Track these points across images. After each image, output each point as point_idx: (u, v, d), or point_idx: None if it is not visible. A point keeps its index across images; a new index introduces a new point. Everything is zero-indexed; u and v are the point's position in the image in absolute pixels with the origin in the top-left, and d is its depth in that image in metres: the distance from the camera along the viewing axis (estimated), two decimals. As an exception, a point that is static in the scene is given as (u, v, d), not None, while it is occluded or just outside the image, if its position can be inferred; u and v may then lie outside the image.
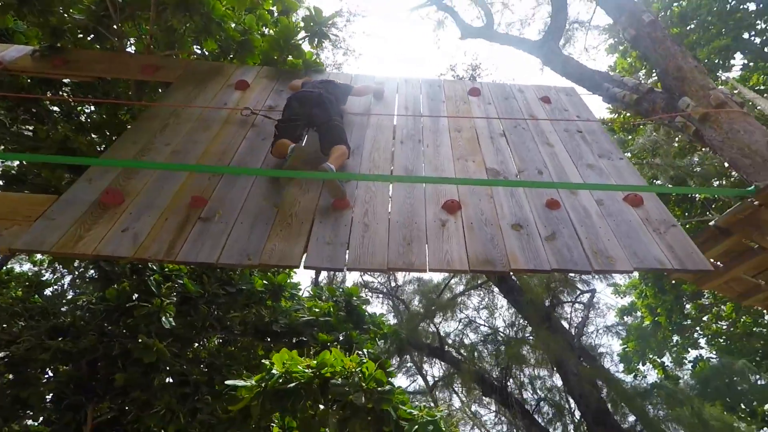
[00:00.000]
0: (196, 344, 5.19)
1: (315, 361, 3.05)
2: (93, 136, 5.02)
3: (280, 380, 2.96)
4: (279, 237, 2.47)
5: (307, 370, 3.01)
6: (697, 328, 12.09)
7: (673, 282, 10.73)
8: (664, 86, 3.98)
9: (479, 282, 10.35)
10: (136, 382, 4.36)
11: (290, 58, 4.27)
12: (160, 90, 4.63)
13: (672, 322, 10.15)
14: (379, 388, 2.87)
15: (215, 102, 3.64)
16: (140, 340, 4.13)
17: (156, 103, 3.52)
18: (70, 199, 2.61)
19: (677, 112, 3.79)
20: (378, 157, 3.19)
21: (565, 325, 8.67)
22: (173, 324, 4.44)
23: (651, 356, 11.85)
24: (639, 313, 12.20)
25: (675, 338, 11.93)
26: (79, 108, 5.47)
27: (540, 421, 7.67)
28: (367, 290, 10.70)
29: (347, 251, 2.42)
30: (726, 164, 4.23)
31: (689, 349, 12.28)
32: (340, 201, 2.69)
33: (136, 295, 4.51)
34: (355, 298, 5.17)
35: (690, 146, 8.63)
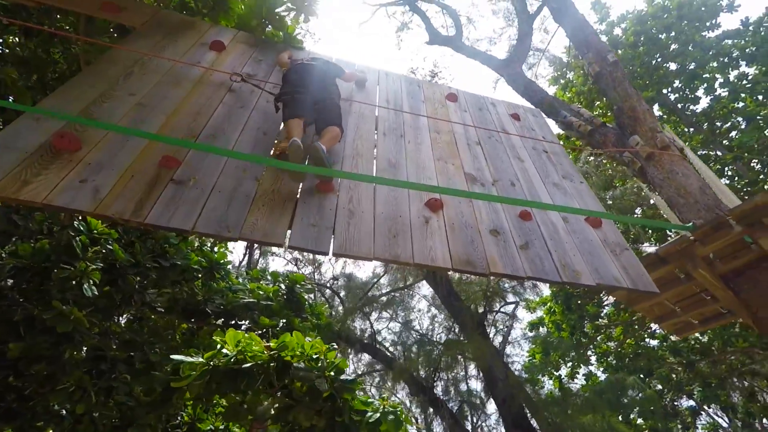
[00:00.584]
0: (117, 317, 4.73)
1: (273, 343, 2.90)
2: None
3: (232, 360, 2.78)
4: (261, 212, 2.32)
5: (264, 352, 2.86)
6: (591, 346, 13.42)
7: (579, 302, 11.84)
8: (618, 123, 4.36)
9: (407, 283, 10.59)
10: (40, 353, 3.85)
11: (270, 28, 4.04)
12: (115, 35, 4.15)
13: (573, 339, 11.13)
14: (341, 377, 2.81)
15: (186, 58, 3.33)
16: (55, 307, 3.66)
17: (119, 45, 3.13)
18: (11, 136, 2.24)
19: (627, 148, 4.16)
20: (361, 145, 3.12)
21: (493, 332, 9.14)
22: (95, 293, 4.00)
23: (549, 368, 12.92)
24: (545, 329, 13.27)
25: (572, 353, 13.13)
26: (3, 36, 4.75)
27: (463, 422, 8.00)
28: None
29: (333, 236, 2.34)
30: (653, 200, 4.71)
31: (581, 365, 13.59)
32: (324, 184, 2.59)
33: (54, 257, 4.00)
34: (298, 286, 5.02)
35: (612, 181, 9.53)
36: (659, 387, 10.01)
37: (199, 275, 4.93)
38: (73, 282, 3.87)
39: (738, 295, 3.27)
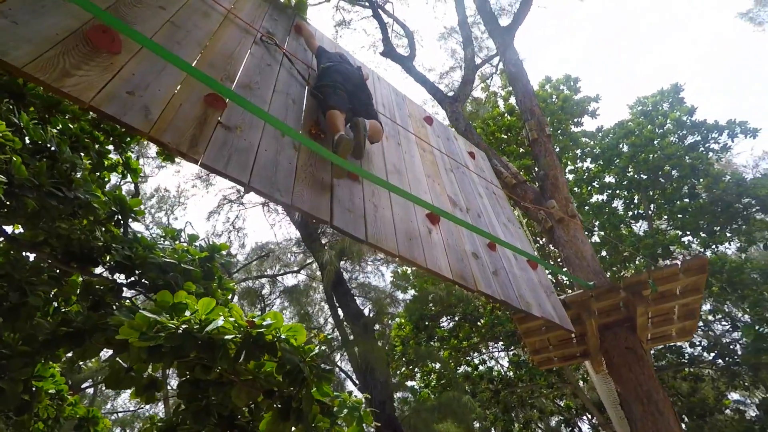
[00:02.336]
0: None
1: (259, 320, 2.74)
2: None
3: (196, 327, 2.56)
4: (304, 184, 2.29)
5: (238, 327, 2.68)
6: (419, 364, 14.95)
7: (427, 324, 13.16)
8: (542, 185, 5.23)
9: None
10: None
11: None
12: None
13: (417, 355, 12.29)
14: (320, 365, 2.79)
15: (207, -13, 3.00)
16: None
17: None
18: (35, 8, 1.82)
19: (544, 208, 5.02)
20: (370, 144, 3.22)
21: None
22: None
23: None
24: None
25: (402, 368, 14.45)
26: None
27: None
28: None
29: (365, 225, 2.42)
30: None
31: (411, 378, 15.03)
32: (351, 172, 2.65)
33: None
34: (217, 255, 4.69)
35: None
36: (478, 408, 11.68)
37: (102, 217, 4.25)
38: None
39: (602, 343, 4.25)
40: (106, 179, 4.93)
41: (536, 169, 5.30)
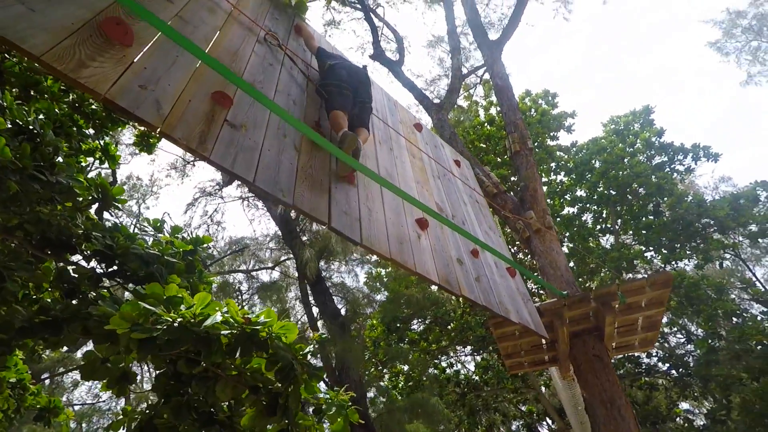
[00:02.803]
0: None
1: (254, 317, 2.77)
2: None
3: (192, 321, 2.58)
4: (305, 185, 2.35)
5: (235, 324, 2.70)
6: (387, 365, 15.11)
7: (399, 326, 13.31)
8: (521, 196, 5.43)
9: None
10: None
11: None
12: None
13: (387, 356, 12.41)
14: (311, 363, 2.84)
15: (211, -18, 3.02)
16: None
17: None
18: (49, -5, 1.83)
19: (522, 218, 5.22)
20: (364, 147, 3.31)
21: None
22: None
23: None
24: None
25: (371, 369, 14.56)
26: None
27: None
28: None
29: (360, 228, 2.50)
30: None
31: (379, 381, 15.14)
32: (350, 175, 2.73)
33: None
34: (200, 249, 4.67)
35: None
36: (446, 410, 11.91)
37: (82, 204, 4.18)
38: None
39: (571, 350, 4.46)
40: (83, 164, 4.86)
41: (513, 179, 5.50)
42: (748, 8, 15.37)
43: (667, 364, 13.14)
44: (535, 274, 6.49)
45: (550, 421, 16.00)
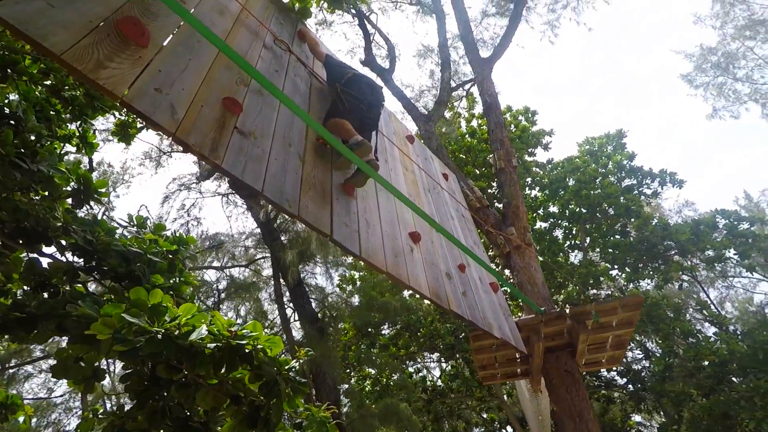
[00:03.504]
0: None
1: (240, 330, 2.74)
2: None
3: (177, 333, 2.53)
4: (308, 196, 2.38)
5: (222, 337, 2.66)
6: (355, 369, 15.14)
7: (370, 330, 13.36)
8: (504, 212, 5.59)
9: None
10: None
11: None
12: None
13: (357, 359, 12.42)
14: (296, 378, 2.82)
15: (219, -17, 3.01)
16: None
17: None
18: (68, -10, 1.80)
19: (504, 233, 5.36)
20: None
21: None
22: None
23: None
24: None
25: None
26: None
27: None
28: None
29: (359, 240, 2.55)
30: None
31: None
32: (350, 187, 2.77)
33: None
34: (183, 248, 4.59)
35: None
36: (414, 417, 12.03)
37: (62, 195, 4.05)
38: None
39: (545, 365, 4.62)
40: (59, 150, 4.69)
41: (490, 191, 5.64)
42: (717, 46, 16.28)
43: (624, 379, 13.67)
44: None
45: (511, 430, 16.36)
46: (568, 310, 4.27)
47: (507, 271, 5.95)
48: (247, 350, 2.77)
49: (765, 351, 9.71)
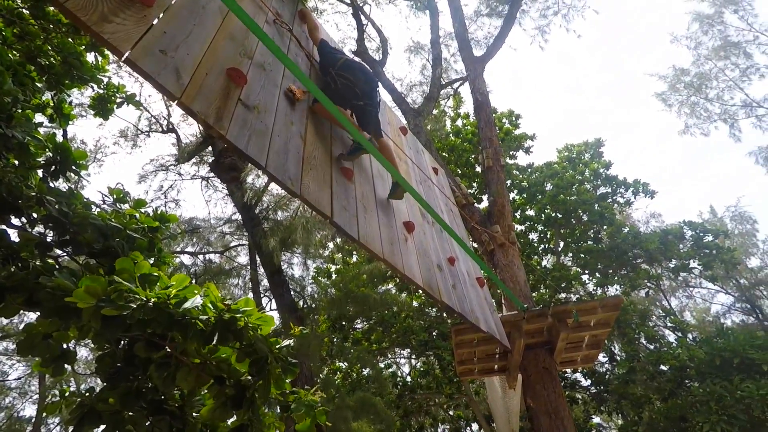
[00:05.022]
0: None
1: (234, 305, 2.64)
2: None
3: (173, 301, 2.43)
4: (310, 176, 2.32)
5: (216, 309, 2.57)
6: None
7: (344, 324, 13.30)
8: (489, 210, 5.63)
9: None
10: None
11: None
12: None
13: (329, 353, 12.35)
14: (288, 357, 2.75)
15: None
16: None
17: None
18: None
19: (488, 230, 5.41)
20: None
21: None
22: None
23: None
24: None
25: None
26: None
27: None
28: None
29: (357, 224, 2.50)
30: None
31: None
32: (348, 171, 2.72)
33: None
34: (163, 226, 4.43)
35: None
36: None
37: (37, 164, 3.84)
38: None
39: (522, 361, 4.69)
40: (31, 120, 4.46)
41: (474, 194, 5.68)
42: (690, 67, 16.90)
43: (589, 380, 14.09)
44: (495, 287, 6.78)
45: (475, 427, 16.63)
46: (549, 309, 4.35)
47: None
48: (239, 326, 2.69)
49: (722, 358, 10.16)
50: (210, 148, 9.73)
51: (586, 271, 14.17)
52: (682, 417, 10.19)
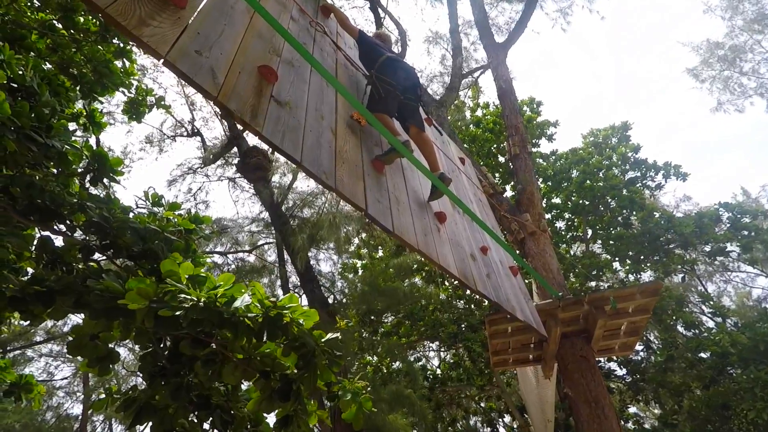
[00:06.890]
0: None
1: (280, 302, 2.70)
2: None
3: (221, 300, 2.49)
4: (342, 169, 2.33)
5: (264, 307, 2.62)
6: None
7: (373, 318, 13.38)
8: (518, 199, 5.55)
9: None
10: None
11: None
12: None
13: (360, 347, 12.43)
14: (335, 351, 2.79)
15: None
16: None
17: None
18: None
19: (518, 219, 5.33)
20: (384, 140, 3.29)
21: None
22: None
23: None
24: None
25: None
26: None
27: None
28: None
29: (391, 216, 2.50)
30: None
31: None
32: (379, 163, 2.72)
33: None
34: (198, 228, 4.52)
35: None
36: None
37: (75, 172, 3.97)
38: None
39: (559, 350, 4.61)
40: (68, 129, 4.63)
41: (497, 184, 5.60)
42: (724, 39, 16.18)
43: (624, 369, 13.77)
44: (528, 275, 6.67)
45: (507, 419, 16.50)
46: (585, 296, 4.25)
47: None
48: (285, 321, 2.74)
49: (766, 343, 9.77)
50: (235, 149, 9.91)
51: (617, 258, 13.80)
52: (725, 405, 9.86)
